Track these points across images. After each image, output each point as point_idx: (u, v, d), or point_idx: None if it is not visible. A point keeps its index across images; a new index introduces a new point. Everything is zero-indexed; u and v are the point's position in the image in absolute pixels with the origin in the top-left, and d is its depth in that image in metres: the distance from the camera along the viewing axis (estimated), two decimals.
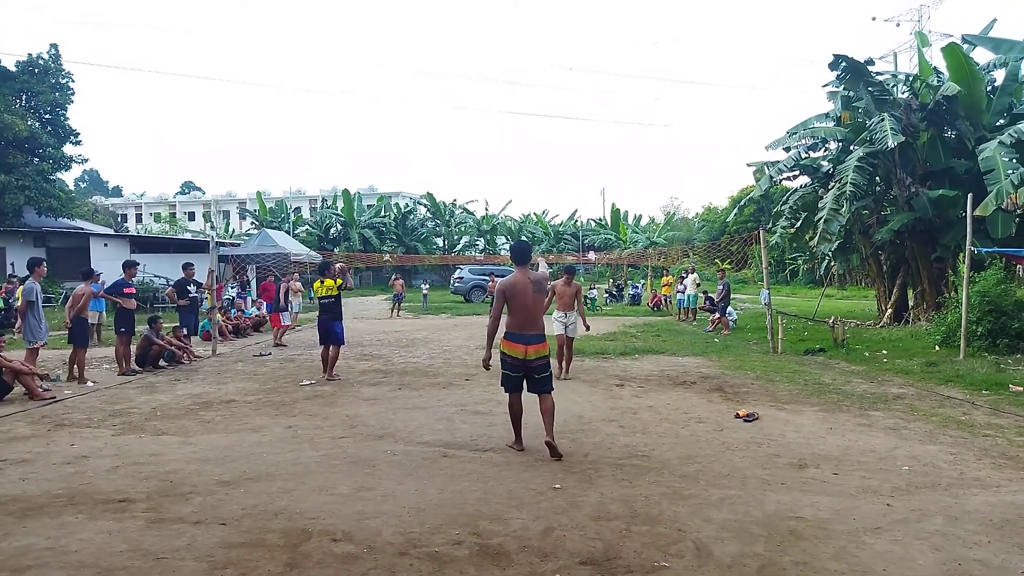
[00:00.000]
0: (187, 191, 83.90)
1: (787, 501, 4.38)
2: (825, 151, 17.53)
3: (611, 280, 36.59)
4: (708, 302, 18.88)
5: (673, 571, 3.38)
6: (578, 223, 57.85)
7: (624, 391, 8.45)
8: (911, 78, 16.66)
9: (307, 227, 50.98)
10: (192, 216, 69.74)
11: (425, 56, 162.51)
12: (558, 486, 4.69)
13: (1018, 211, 12.65)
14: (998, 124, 14.52)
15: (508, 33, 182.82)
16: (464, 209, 53.36)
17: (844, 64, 14.49)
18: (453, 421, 6.78)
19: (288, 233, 41.30)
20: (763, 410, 7.18)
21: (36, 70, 28.41)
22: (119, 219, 61.04)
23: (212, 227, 54.74)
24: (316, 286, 9.86)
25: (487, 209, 54.94)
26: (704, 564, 3.45)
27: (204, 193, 79.45)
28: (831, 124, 17.20)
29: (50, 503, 4.38)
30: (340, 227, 48.91)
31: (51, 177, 28.95)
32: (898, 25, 41.73)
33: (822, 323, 14.50)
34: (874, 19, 70.93)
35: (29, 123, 27.25)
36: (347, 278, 9.93)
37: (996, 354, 10.46)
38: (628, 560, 3.50)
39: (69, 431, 6.43)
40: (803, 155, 17.09)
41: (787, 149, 17.42)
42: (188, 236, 46.76)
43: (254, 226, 50.56)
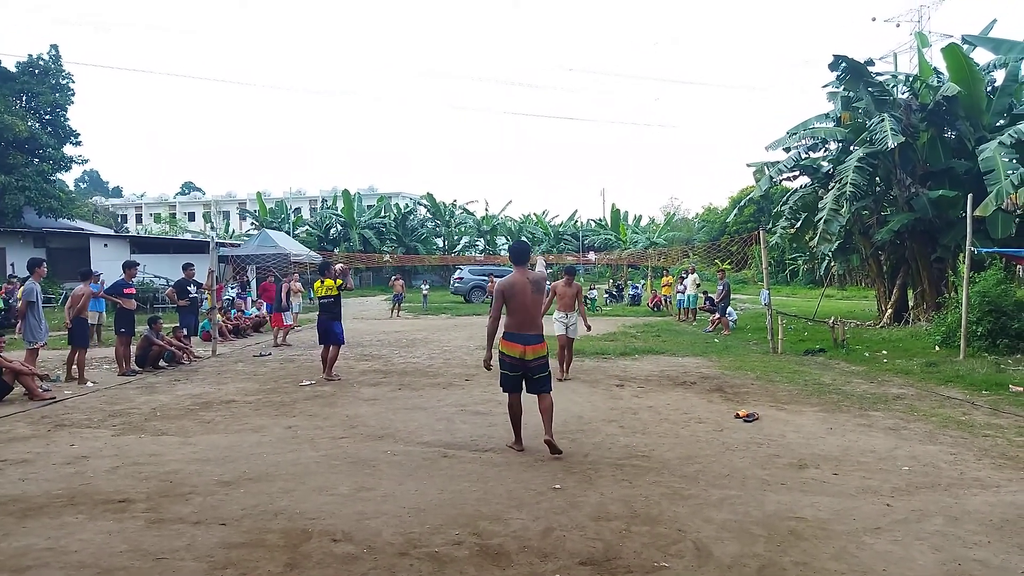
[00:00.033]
0: (187, 192, 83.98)
1: (787, 501, 4.38)
2: (825, 151, 17.54)
3: (611, 280, 36.59)
4: (708, 302, 18.87)
5: (673, 571, 3.38)
6: (578, 223, 57.88)
7: (624, 391, 8.45)
8: (911, 78, 16.67)
9: (307, 227, 51.02)
10: (192, 217, 69.76)
11: (425, 56, 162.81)
12: (558, 486, 4.69)
13: (1018, 211, 12.65)
14: (998, 124, 14.53)
15: (508, 33, 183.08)
16: (464, 209, 53.39)
17: (844, 64, 14.50)
18: (453, 421, 6.78)
19: (288, 234, 41.34)
20: (763, 410, 7.18)
21: (36, 71, 28.42)
22: (119, 220, 61.02)
23: (212, 228, 54.82)
24: (316, 286, 9.89)
25: (487, 209, 55.03)
26: (704, 564, 3.45)
27: (204, 194, 79.51)
28: (831, 124, 17.20)
29: (50, 503, 4.38)
30: (340, 227, 48.95)
31: (51, 178, 28.95)
32: (898, 26, 41.78)
33: (822, 323, 14.50)
34: (874, 20, 71.13)
35: (29, 124, 27.25)
36: (347, 279, 9.93)
37: (996, 354, 10.46)
38: (628, 560, 3.49)
39: (69, 431, 6.43)
40: (803, 155, 17.09)
41: (787, 149, 17.42)
42: (188, 237, 46.75)
43: (254, 226, 50.56)
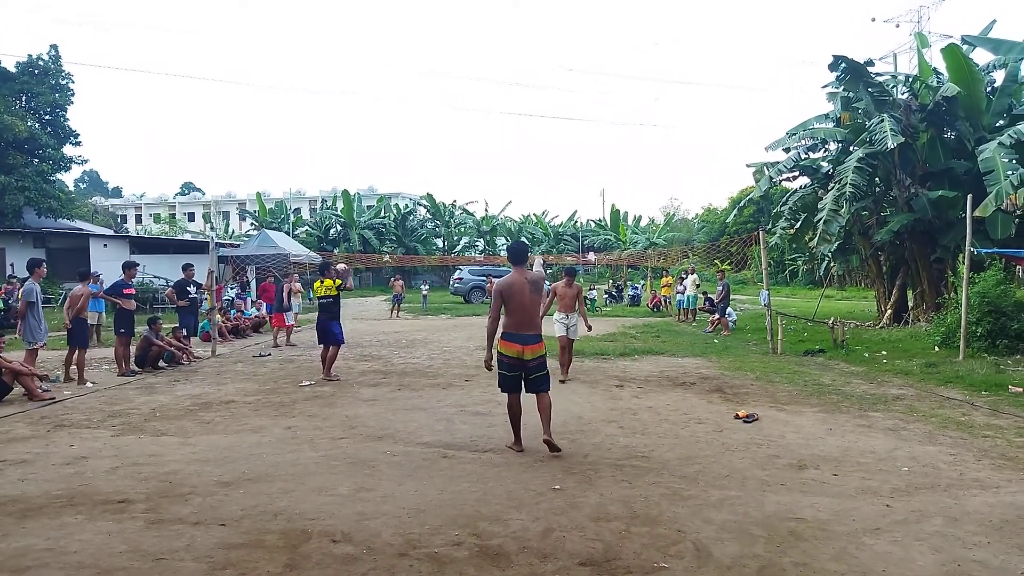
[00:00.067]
0: (187, 192, 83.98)
1: (787, 502, 4.38)
2: (825, 152, 17.55)
3: (611, 281, 36.60)
4: (708, 303, 18.88)
5: (673, 572, 3.38)
6: (578, 224, 57.90)
7: (624, 392, 8.45)
8: (911, 79, 16.68)
9: (307, 228, 51.02)
10: (192, 217, 69.74)
11: (425, 56, 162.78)
12: (558, 487, 4.69)
13: (1018, 212, 12.66)
14: (998, 125, 14.53)
15: (508, 34, 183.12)
16: (464, 210, 53.40)
17: (844, 65, 14.50)
18: (453, 422, 6.78)
19: (288, 234, 41.35)
20: (763, 411, 7.18)
21: (36, 71, 28.43)
22: (119, 220, 60.99)
23: (212, 228, 54.80)
24: (316, 286, 9.90)
25: (487, 210, 55.06)
26: (704, 565, 3.45)
27: (204, 194, 79.53)
28: (831, 125, 17.21)
29: (49, 504, 4.38)
30: (340, 228, 48.96)
31: (51, 178, 28.97)
32: (898, 26, 41.71)
33: (822, 324, 14.50)
34: (874, 20, 70.92)
35: (29, 124, 27.26)
36: (347, 279, 9.94)
37: (995, 355, 10.46)
38: (628, 561, 3.49)
39: (68, 432, 6.43)
40: (803, 156, 17.10)
41: (787, 150, 17.42)
42: (188, 237, 46.77)
43: (254, 227, 50.57)
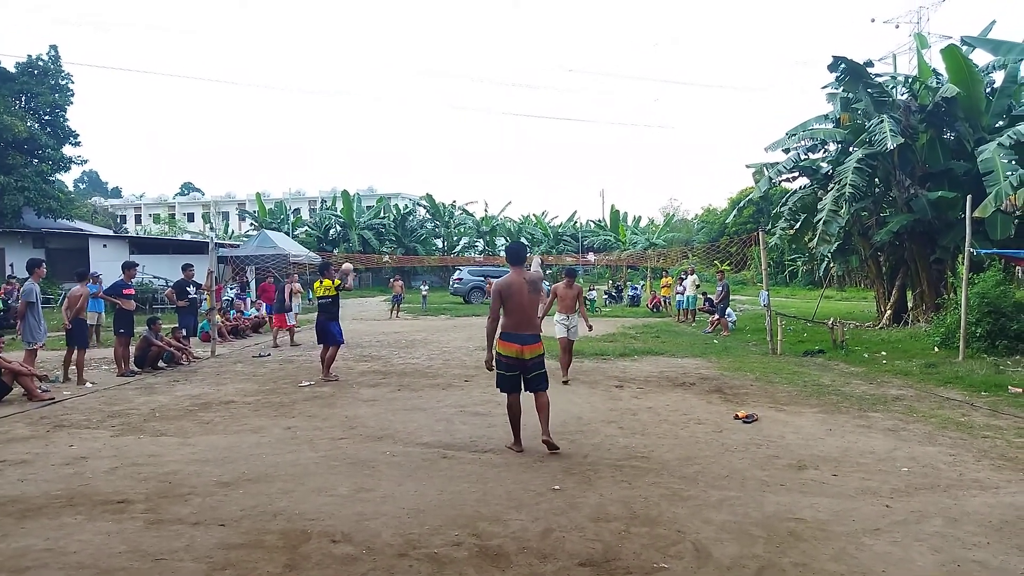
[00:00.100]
0: (186, 192, 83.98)
1: (786, 502, 4.38)
2: (824, 152, 17.56)
3: (610, 281, 36.62)
4: (707, 303, 18.88)
5: (672, 572, 3.38)
6: (577, 224, 57.91)
7: (623, 392, 8.45)
8: (910, 80, 16.68)
9: (306, 228, 51.01)
10: (191, 217, 69.72)
11: (425, 56, 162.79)
12: (557, 487, 4.69)
13: (1017, 213, 12.67)
14: (997, 126, 14.54)
15: (508, 34, 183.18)
16: (463, 210, 53.41)
17: (843, 66, 14.51)
18: (452, 422, 6.77)
19: (287, 234, 41.35)
20: (762, 411, 7.18)
21: (36, 71, 28.42)
22: (118, 220, 60.88)
23: (211, 228, 54.83)
24: (316, 286, 9.94)
25: (486, 210, 55.10)
26: (703, 565, 3.45)
27: (203, 194, 79.52)
28: (830, 126, 17.21)
29: (49, 504, 4.38)
30: (339, 228, 48.95)
31: (50, 178, 28.94)
32: (897, 27, 41.70)
33: (821, 324, 14.50)
34: (873, 21, 71.14)
35: (28, 124, 27.24)
36: (348, 279, 9.95)
37: (995, 355, 10.46)
38: (627, 561, 3.49)
39: (68, 432, 6.43)
40: (802, 156, 17.10)
41: (786, 150, 17.43)
42: (187, 237, 46.77)
43: (253, 227, 50.55)
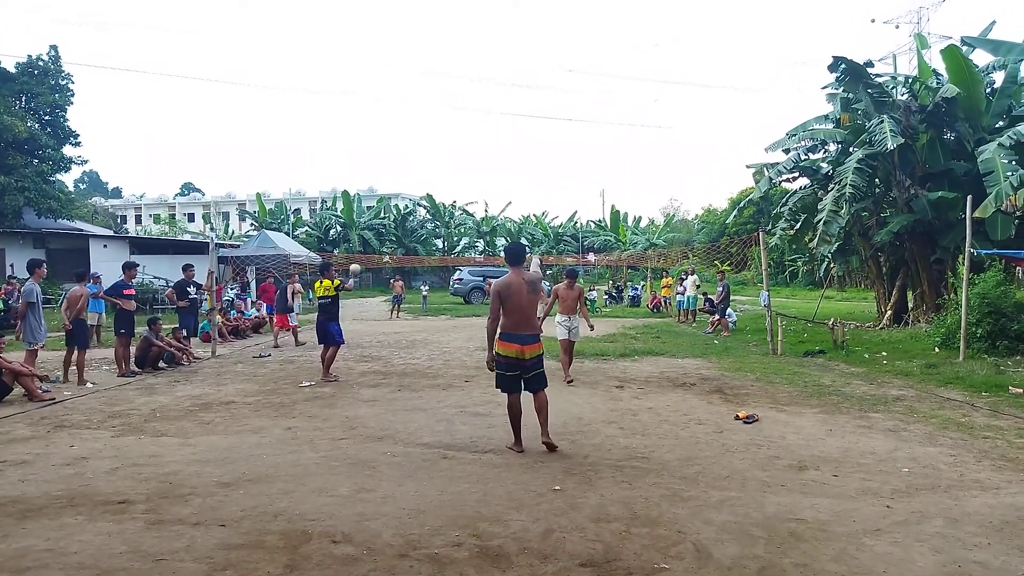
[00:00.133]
0: (187, 192, 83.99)
1: (787, 503, 4.38)
2: (824, 153, 17.55)
3: (611, 282, 36.61)
4: (708, 304, 18.88)
5: (673, 573, 3.38)
6: (578, 224, 57.89)
7: (624, 393, 8.45)
8: (910, 80, 16.68)
9: (307, 228, 51.01)
10: (192, 217, 69.72)
11: (425, 56, 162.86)
12: (558, 488, 4.69)
13: (1017, 213, 12.67)
14: (997, 126, 14.54)
15: (508, 34, 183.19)
16: (464, 210, 53.40)
17: (843, 66, 14.51)
18: (453, 423, 6.77)
19: (288, 235, 41.35)
20: (763, 412, 7.18)
21: (36, 71, 28.44)
22: (119, 220, 60.90)
23: (212, 228, 54.79)
24: (316, 286, 9.99)
25: (487, 210, 55.08)
26: (704, 566, 3.45)
27: (204, 194, 79.53)
28: (830, 126, 17.22)
29: (49, 504, 4.38)
30: (340, 228, 48.95)
31: (51, 178, 28.96)
32: (897, 27, 41.72)
33: (822, 325, 14.50)
34: (873, 21, 71.23)
35: (29, 124, 27.26)
36: (348, 280, 9.98)
37: (996, 356, 10.46)
38: (628, 562, 3.49)
39: (68, 432, 6.43)
40: (802, 157, 17.10)
41: (786, 151, 17.42)
42: (188, 237, 46.77)
43: (253, 227, 50.55)
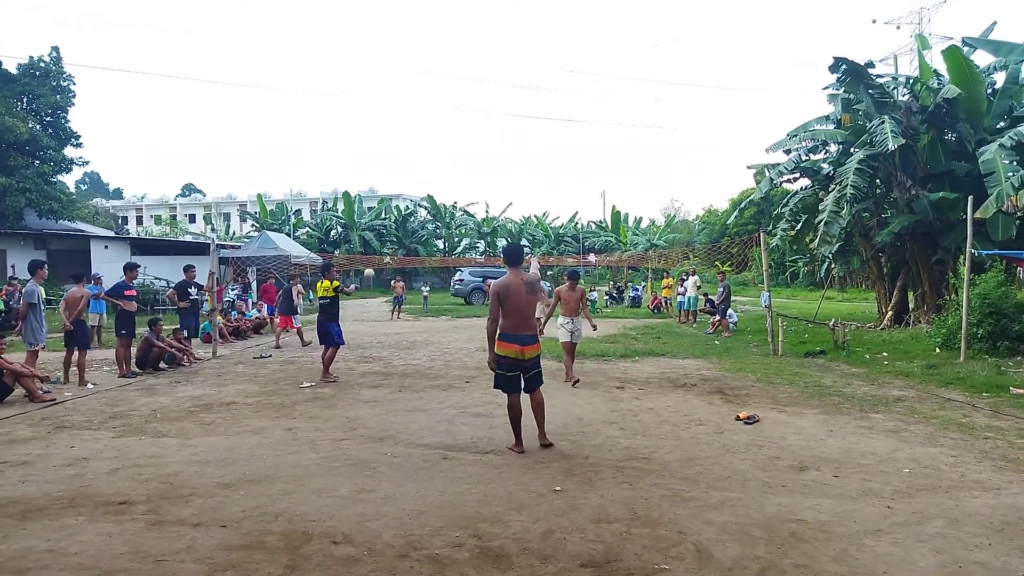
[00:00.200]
0: (188, 193, 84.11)
1: (788, 503, 4.38)
2: (825, 153, 17.56)
3: (611, 282, 36.59)
4: (708, 304, 18.88)
5: (674, 574, 3.38)
6: (578, 225, 57.82)
7: (624, 393, 8.44)
8: (911, 81, 16.68)
9: (307, 229, 51.01)
10: (193, 218, 69.78)
11: (425, 57, 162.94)
12: (558, 488, 4.69)
13: (1018, 213, 12.67)
14: (998, 127, 14.55)
15: (509, 35, 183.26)
16: (464, 211, 53.37)
17: (844, 67, 14.51)
18: (453, 423, 6.78)
19: (288, 235, 41.36)
20: (764, 412, 7.18)
21: (37, 73, 28.48)
22: (120, 221, 60.96)
23: (213, 229, 54.86)
24: (317, 286, 10.11)
25: (487, 211, 55.02)
26: (705, 567, 3.45)
27: (205, 195, 79.64)
28: (831, 126, 17.22)
29: (50, 505, 4.38)
30: (340, 229, 48.96)
31: (52, 179, 29.01)
32: (898, 28, 41.88)
33: (822, 325, 14.49)
34: (874, 22, 71.32)
35: (30, 125, 27.30)
36: (350, 285, 10.06)
37: (997, 356, 10.45)
38: (629, 563, 3.49)
39: (69, 433, 6.43)
40: (803, 157, 17.11)
41: (787, 151, 17.43)
42: (189, 238, 46.82)
43: (254, 228, 50.55)
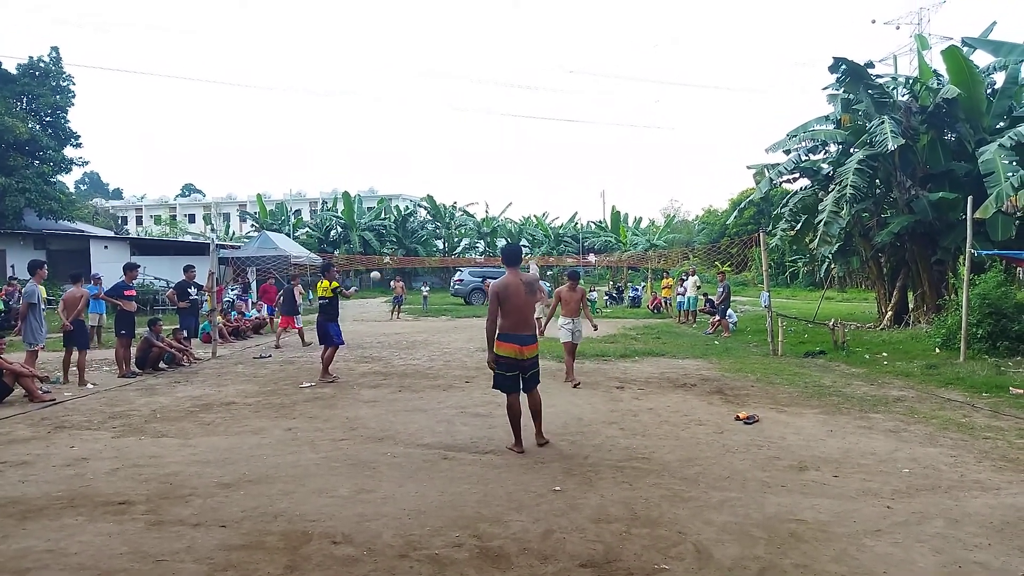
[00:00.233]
0: (187, 193, 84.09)
1: (787, 503, 4.38)
2: (825, 154, 17.57)
3: (611, 282, 36.59)
4: (708, 304, 18.88)
5: (673, 574, 3.38)
6: (578, 225, 57.81)
7: (624, 393, 8.44)
8: (911, 81, 16.67)
9: (307, 229, 51.00)
10: (192, 218, 69.77)
11: (426, 57, 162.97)
12: (558, 489, 4.69)
13: (1018, 213, 12.66)
14: (998, 127, 14.55)
15: (509, 35, 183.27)
16: (464, 211, 53.38)
17: (844, 67, 14.51)
18: (453, 423, 6.78)
19: (288, 236, 41.35)
20: (763, 412, 7.18)
21: (37, 73, 28.49)
22: (119, 221, 60.95)
23: (212, 229, 54.83)
24: (317, 286, 10.14)
25: (487, 211, 55.04)
26: (704, 567, 3.45)
27: (204, 195, 79.61)
28: (831, 127, 17.22)
29: (50, 505, 4.38)
30: (340, 229, 48.95)
31: (52, 180, 29.01)
32: (898, 28, 41.89)
33: (822, 325, 14.50)
34: (874, 22, 71.37)
35: (30, 126, 27.31)
36: (350, 288, 10.10)
37: (996, 356, 10.46)
38: (628, 563, 3.49)
39: (69, 433, 6.43)
40: (803, 158, 17.11)
41: (787, 152, 17.43)
42: (188, 238, 46.81)
43: (254, 228, 50.53)
